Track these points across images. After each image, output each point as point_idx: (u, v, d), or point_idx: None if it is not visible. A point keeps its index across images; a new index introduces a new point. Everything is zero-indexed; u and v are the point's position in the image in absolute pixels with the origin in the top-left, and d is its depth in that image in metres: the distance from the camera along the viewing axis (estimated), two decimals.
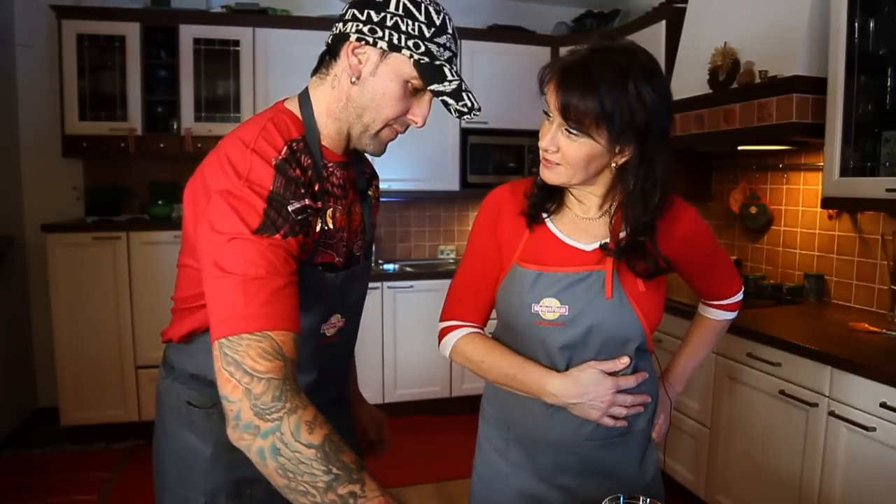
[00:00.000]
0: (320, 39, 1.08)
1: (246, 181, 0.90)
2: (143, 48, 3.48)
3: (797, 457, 2.16)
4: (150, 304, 3.35)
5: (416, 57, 0.96)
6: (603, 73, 0.99)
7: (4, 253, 3.42)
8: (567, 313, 1.11)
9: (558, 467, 1.18)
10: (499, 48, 4.02)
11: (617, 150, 1.05)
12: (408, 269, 4.11)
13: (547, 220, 1.17)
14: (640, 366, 1.18)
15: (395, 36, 0.95)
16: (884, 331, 2.24)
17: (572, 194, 1.16)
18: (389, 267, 4.18)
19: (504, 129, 4.05)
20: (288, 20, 3.71)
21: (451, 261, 4.38)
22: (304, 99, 1.04)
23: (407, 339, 3.81)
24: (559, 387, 1.10)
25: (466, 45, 3.98)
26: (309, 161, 0.99)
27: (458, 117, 1.03)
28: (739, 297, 1.36)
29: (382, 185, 3.87)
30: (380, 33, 0.95)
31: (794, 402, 2.16)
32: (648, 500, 0.96)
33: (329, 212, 1.03)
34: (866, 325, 2.30)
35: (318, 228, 1.00)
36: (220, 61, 3.61)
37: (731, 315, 1.37)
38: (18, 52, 3.64)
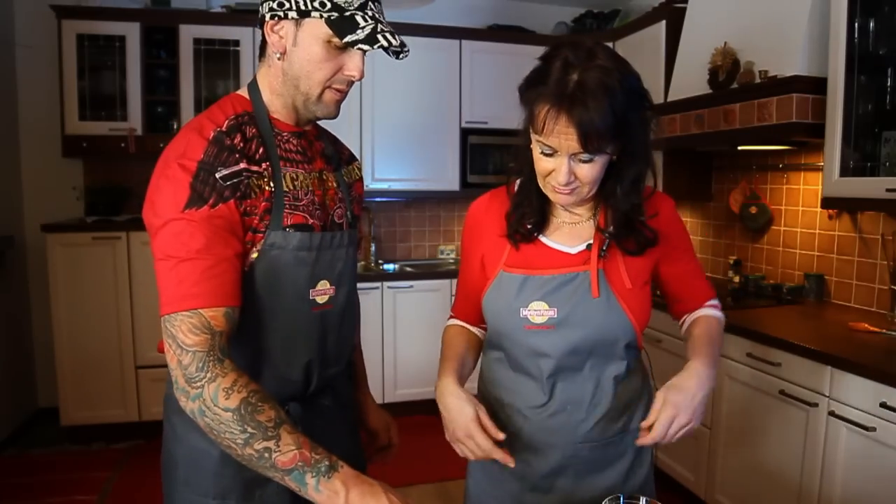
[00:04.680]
0: None
1: (179, 158, 0.97)
2: (143, 48, 3.48)
3: (797, 457, 2.16)
4: (150, 303, 3.35)
5: (325, 16, 0.98)
6: (598, 86, 0.95)
7: (4, 253, 3.42)
8: (556, 315, 1.11)
9: (554, 470, 1.17)
10: (499, 48, 4.03)
11: (621, 145, 1.05)
12: (408, 269, 4.11)
13: (538, 237, 1.17)
14: (630, 364, 1.18)
15: (302, 2, 0.98)
16: (884, 331, 2.24)
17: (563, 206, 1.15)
18: (389, 267, 4.18)
19: (504, 129, 4.05)
20: None
21: (451, 261, 4.38)
22: (252, 84, 1.10)
23: (407, 338, 3.81)
24: (440, 388, 1.10)
25: (466, 45, 3.99)
26: (254, 131, 1.04)
27: (396, 58, 1.05)
28: (717, 302, 1.26)
29: (382, 185, 3.93)
30: (288, 5, 0.99)
31: (794, 402, 2.16)
32: (648, 501, 0.96)
33: (288, 175, 1.06)
34: (866, 325, 2.30)
35: (267, 189, 1.02)
36: (220, 61, 3.61)
37: (719, 314, 1.25)
38: (18, 52, 3.64)
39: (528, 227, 1.15)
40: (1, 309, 3.43)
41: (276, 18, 1.01)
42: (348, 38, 0.98)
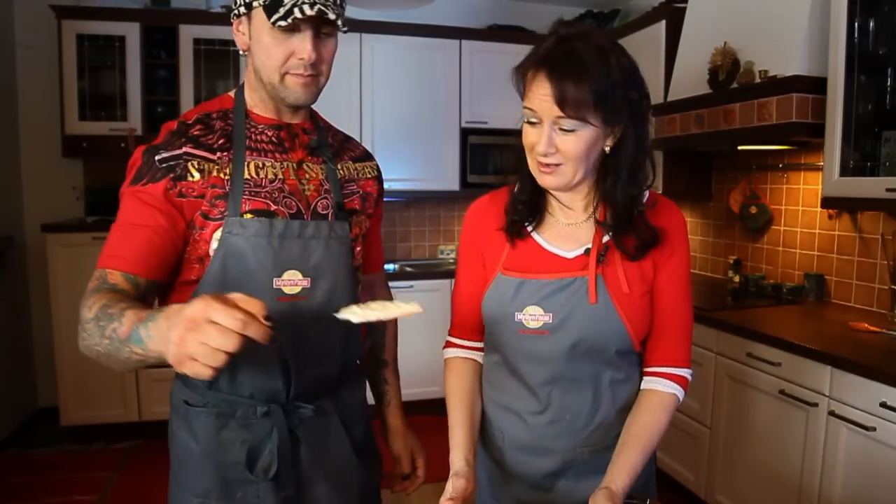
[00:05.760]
0: None
1: (146, 145, 1.07)
2: (143, 48, 3.48)
3: (797, 457, 2.16)
4: None
5: (262, 3, 1.02)
6: (586, 55, 0.98)
7: (4, 253, 3.42)
8: (551, 321, 1.09)
9: (554, 471, 1.16)
10: (499, 48, 4.03)
11: (609, 135, 1.03)
12: (408, 268, 4.11)
13: (531, 231, 1.15)
14: (629, 369, 1.15)
15: None
16: (884, 330, 2.24)
17: (557, 199, 1.14)
18: (389, 267, 4.18)
19: (504, 129, 4.04)
20: None
21: (451, 261, 4.37)
22: (241, 84, 1.17)
23: (407, 339, 3.75)
24: (452, 461, 1.08)
25: (466, 45, 3.99)
26: (222, 124, 1.10)
27: (341, 30, 1.04)
28: (686, 373, 1.14)
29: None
30: (239, 1, 1.06)
31: (794, 402, 2.16)
32: (648, 501, 0.96)
33: (252, 164, 1.09)
34: (866, 325, 2.30)
35: (218, 176, 1.06)
36: (219, 61, 3.61)
37: (680, 390, 1.12)
38: (19, 52, 3.64)
39: (522, 218, 1.14)
40: (1, 309, 3.43)
41: (236, 18, 1.07)
42: (275, 17, 1.00)
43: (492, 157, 4.10)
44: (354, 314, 0.82)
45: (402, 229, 4.41)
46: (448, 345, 1.26)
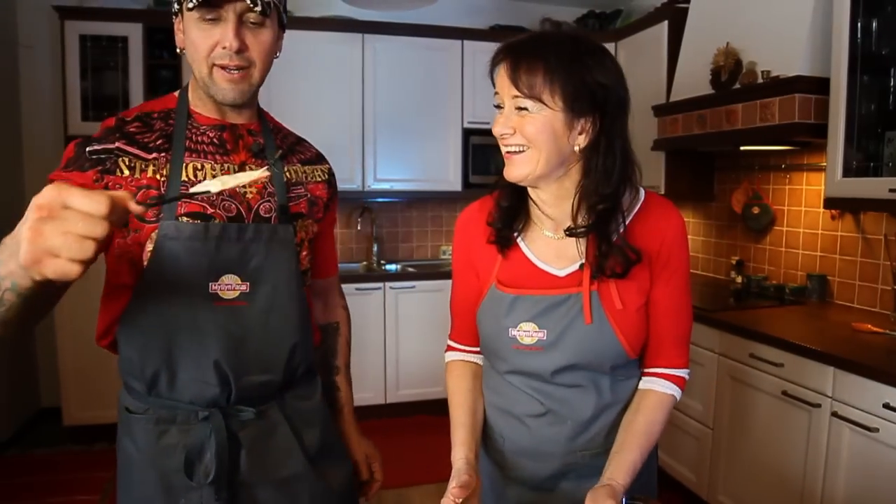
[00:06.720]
0: (322, 39, 1.11)
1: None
2: (145, 48, 3.49)
3: (800, 458, 2.15)
4: None
5: None
6: (551, 38, 1.00)
7: None
8: (545, 338, 1.08)
9: (556, 474, 1.16)
10: None
11: (578, 126, 1.01)
12: (410, 269, 4.12)
13: (519, 242, 1.13)
14: (629, 372, 1.14)
15: None
16: (887, 331, 2.24)
17: (539, 207, 1.10)
18: (391, 267, 4.18)
19: None
20: (290, 21, 3.71)
21: None
22: (186, 85, 1.16)
23: (409, 339, 3.81)
24: (454, 458, 1.09)
25: (468, 46, 3.99)
26: (162, 124, 1.09)
27: (257, 10, 1.01)
28: (684, 374, 1.14)
29: (384, 186, 3.93)
30: None
31: (797, 403, 2.16)
32: (650, 501, 0.96)
33: (191, 165, 1.07)
34: (869, 326, 2.29)
35: (153, 176, 1.04)
36: None
37: (677, 390, 1.12)
38: (21, 52, 3.65)
39: (505, 225, 1.12)
40: None
41: (175, 17, 1.06)
42: (185, 4, 1.00)
43: (494, 158, 4.10)
44: (212, 185, 0.80)
45: (403, 230, 4.41)
46: (449, 348, 1.28)
